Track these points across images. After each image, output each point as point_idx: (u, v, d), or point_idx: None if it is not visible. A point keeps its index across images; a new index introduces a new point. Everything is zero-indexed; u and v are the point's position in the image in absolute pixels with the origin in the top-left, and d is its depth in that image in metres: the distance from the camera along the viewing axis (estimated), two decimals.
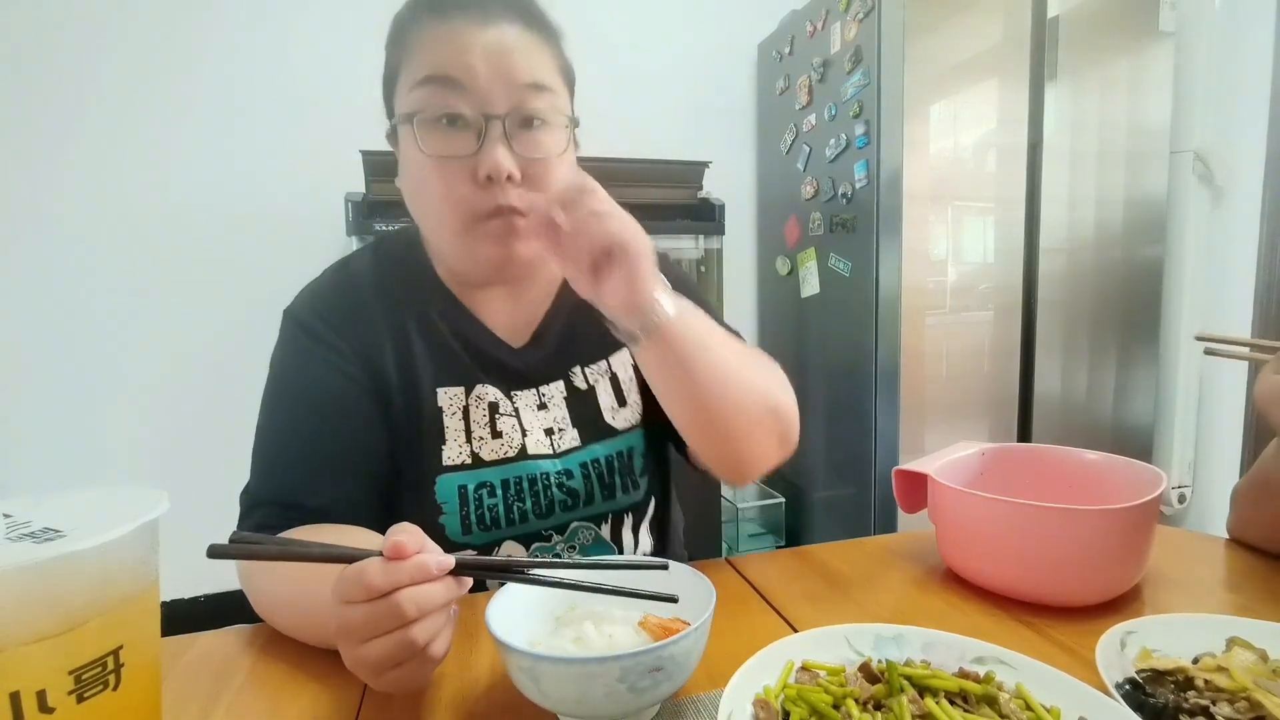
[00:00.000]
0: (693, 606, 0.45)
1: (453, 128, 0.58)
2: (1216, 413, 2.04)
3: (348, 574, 0.39)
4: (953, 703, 0.40)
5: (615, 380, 0.73)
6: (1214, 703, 0.40)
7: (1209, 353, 0.70)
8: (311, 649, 0.54)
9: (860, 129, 1.79)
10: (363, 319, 0.65)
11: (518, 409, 0.68)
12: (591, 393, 0.71)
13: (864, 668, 0.44)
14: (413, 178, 0.62)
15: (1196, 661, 0.45)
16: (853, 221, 1.86)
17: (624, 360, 0.74)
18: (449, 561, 0.40)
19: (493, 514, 0.65)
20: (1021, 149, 1.78)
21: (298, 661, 0.53)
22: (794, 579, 0.65)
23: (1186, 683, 0.43)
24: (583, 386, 0.71)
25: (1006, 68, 1.75)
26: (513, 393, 0.68)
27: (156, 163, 1.90)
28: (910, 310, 1.74)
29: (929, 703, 0.40)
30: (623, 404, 0.73)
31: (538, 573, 0.45)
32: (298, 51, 1.96)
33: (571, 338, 0.71)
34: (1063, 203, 1.83)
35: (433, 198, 0.60)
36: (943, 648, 0.45)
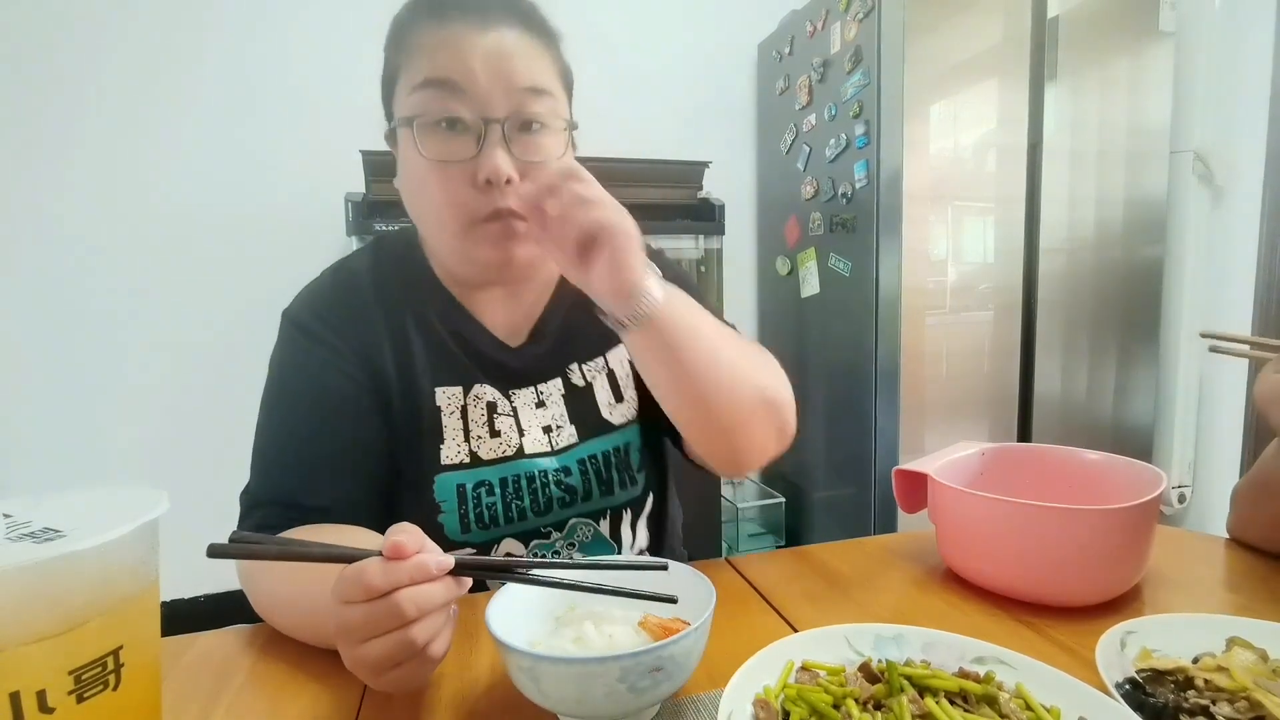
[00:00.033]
0: (693, 606, 0.45)
1: (452, 131, 0.58)
2: (1216, 413, 2.04)
3: (347, 574, 0.39)
4: (953, 703, 0.40)
5: (612, 376, 0.73)
6: (1214, 702, 0.40)
7: (1214, 350, 0.70)
8: (311, 649, 0.54)
9: (860, 129, 1.79)
10: (361, 319, 0.65)
11: (516, 408, 0.68)
12: (589, 389, 0.72)
13: (864, 668, 0.44)
14: (411, 180, 0.62)
15: (1196, 661, 0.45)
16: (853, 221, 1.86)
17: (621, 356, 0.74)
18: (448, 561, 0.40)
19: (491, 512, 0.65)
20: (1021, 149, 1.78)
21: (298, 661, 0.53)
22: (794, 579, 0.65)
23: (1186, 683, 0.43)
24: (580, 383, 0.71)
25: (1006, 68, 1.75)
26: (511, 392, 0.68)
27: (157, 163, 1.90)
28: (910, 310, 1.74)
29: (929, 703, 0.40)
30: (620, 399, 0.73)
31: (537, 573, 0.45)
32: (298, 51, 1.96)
33: (569, 335, 0.72)
34: (1063, 203, 1.83)
35: (432, 200, 0.60)
36: (943, 648, 0.45)
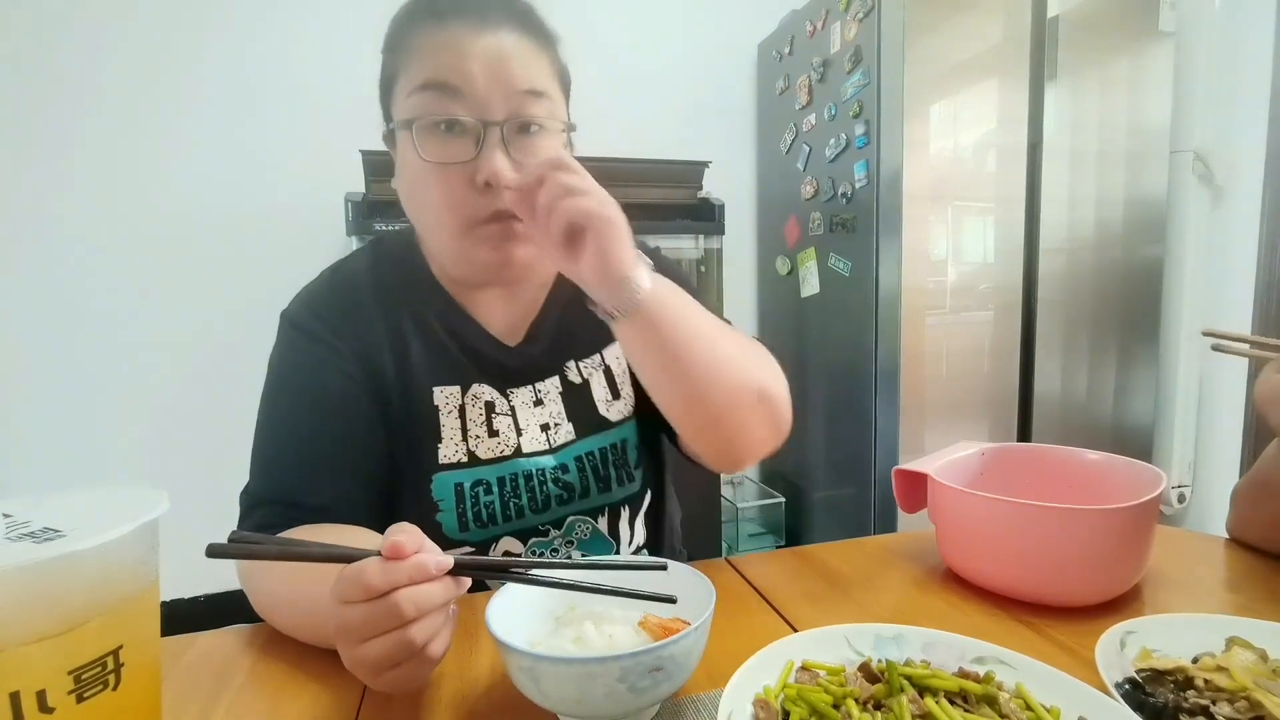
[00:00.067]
0: (693, 606, 0.45)
1: (451, 133, 0.58)
2: (1216, 413, 2.05)
3: (346, 574, 0.39)
4: (953, 703, 0.40)
5: (609, 373, 0.73)
6: (1214, 702, 0.40)
7: (1216, 349, 0.70)
8: (311, 649, 0.54)
9: (860, 129, 1.79)
10: (360, 319, 0.65)
11: (514, 407, 0.68)
12: (586, 386, 0.72)
13: (864, 668, 0.44)
14: (410, 181, 0.62)
15: (1196, 661, 0.45)
16: (853, 221, 1.86)
17: (617, 353, 0.74)
18: (448, 561, 0.40)
19: (489, 510, 0.65)
20: (1021, 149, 1.78)
21: (298, 661, 0.53)
22: (794, 579, 0.65)
23: (1186, 682, 0.43)
24: (577, 380, 0.72)
25: (1006, 68, 1.75)
26: (509, 391, 0.69)
27: (157, 162, 1.90)
28: (910, 310, 1.74)
29: (929, 703, 0.40)
30: (617, 396, 0.73)
31: (537, 573, 0.45)
32: (298, 51, 1.96)
33: (565, 333, 0.72)
34: (1063, 203, 1.83)
35: (430, 202, 0.61)
36: (943, 648, 0.45)
